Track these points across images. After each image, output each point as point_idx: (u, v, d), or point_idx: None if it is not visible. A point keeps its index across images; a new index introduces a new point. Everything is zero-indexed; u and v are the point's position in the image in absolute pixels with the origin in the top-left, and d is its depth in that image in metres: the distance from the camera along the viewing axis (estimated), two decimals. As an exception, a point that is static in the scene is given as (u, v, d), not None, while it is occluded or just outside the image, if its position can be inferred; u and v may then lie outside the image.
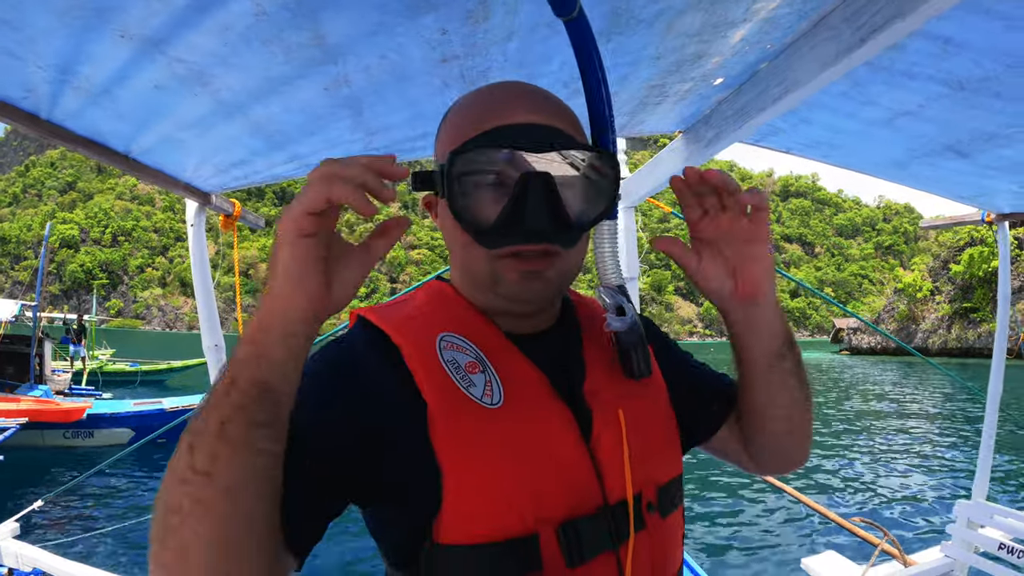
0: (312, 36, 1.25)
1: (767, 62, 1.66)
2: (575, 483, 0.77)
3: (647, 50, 1.47)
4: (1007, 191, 2.55)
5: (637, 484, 0.82)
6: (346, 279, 0.68)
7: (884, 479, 10.09)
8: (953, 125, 1.90)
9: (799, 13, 1.43)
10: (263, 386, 0.63)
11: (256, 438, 0.62)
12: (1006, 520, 3.12)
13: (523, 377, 0.81)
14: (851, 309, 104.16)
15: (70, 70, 1.28)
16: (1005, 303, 3.13)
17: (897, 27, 1.26)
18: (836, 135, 2.09)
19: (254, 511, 0.61)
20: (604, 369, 0.88)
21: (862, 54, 1.37)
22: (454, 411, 0.75)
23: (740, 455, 1.01)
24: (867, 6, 1.33)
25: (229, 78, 1.37)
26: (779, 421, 0.90)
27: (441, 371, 0.77)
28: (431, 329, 0.82)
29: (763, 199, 0.78)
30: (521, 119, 0.76)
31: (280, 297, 0.64)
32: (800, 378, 0.87)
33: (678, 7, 1.28)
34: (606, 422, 0.82)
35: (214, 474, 0.59)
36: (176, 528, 0.59)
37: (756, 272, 0.80)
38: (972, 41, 1.50)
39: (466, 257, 0.81)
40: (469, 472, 0.73)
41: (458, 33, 1.30)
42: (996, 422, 3.17)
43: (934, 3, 1.20)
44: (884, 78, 1.66)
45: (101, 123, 1.55)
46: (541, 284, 0.79)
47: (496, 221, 0.74)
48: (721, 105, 1.90)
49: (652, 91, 1.72)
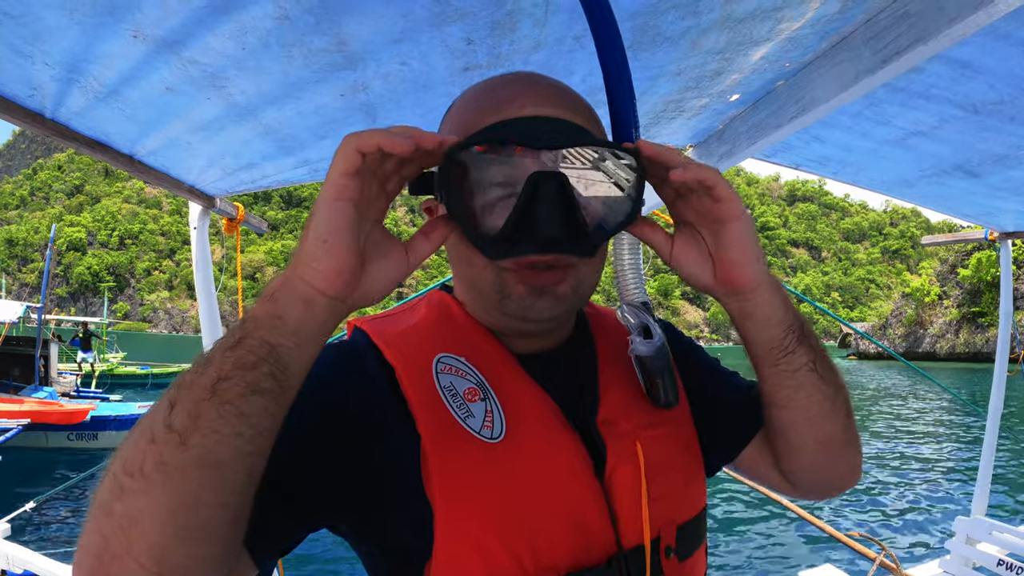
0: (334, 41, 1.20)
1: (784, 80, 1.64)
2: (585, 527, 0.68)
3: (669, 66, 1.45)
4: (1013, 211, 2.54)
5: (656, 527, 0.72)
6: (381, 272, 0.61)
7: (883, 492, 9.99)
8: (965, 146, 1.88)
9: (821, 34, 1.41)
10: (273, 350, 0.54)
11: (251, 407, 0.52)
12: (1005, 536, 3.09)
13: (529, 405, 0.72)
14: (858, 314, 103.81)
15: (78, 69, 1.22)
16: (1007, 319, 3.11)
17: (919, 51, 1.24)
18: (848, 153, 2.07)
19: (224, 497, 0.51)
20: (622, 395, 0.78)
21: (882, 76, 1.35)
22: (448, 445, 0.67)
23: (772, 475, 0.87)
24: (889, 29, 1.31)
25: (244, 82, 1.32)
26: (802, 428, 0.76)
27: (436, 398, 0.69)
28: (428, 348, 0.74)
29: (699, 174, 0.64)
30: (530, 111, 0.67)
31: (307, 259, 0.57)
32: (824, 376, 0.74)
33: (704, 25, 1.26)
34: (622, 457, 0.73)
35: (190, 437, 0.50)
36: (129, 492, 0.49)
37: (733, 256, 0.67)
38: (989, 66, 1.49)
39: (469, 269, 0.71)
40: (462, 514, 0.65)
41: (484, 43, 1.27)
42: (996, 438, 3.14)
43: (957, 29, 1.18)
44: (901, 99, 1.65)
45: (107, 124, 1.50)
46: (553, 300, 0.69)
47: (502, 229, 0.63)
48: (735, 121, 1.88)
49: (669, 106, 1.70)
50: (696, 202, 0.68)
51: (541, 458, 0.69)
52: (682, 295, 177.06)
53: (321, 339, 0.59)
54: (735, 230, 0.67)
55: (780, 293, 0.71)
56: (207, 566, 0.52)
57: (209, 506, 0.51)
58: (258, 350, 0.54)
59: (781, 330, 0.72)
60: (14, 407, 10.58)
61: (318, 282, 0.56)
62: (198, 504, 0.50)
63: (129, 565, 0.49)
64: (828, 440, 0.77)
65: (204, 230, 2.30)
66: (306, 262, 0.57)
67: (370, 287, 0.60)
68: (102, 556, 0.50)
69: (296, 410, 0.61)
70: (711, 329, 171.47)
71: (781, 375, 0.73)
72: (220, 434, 0.51)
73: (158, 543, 0.49)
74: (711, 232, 0.68)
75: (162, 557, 0.49)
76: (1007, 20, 1.32)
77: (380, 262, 0.61)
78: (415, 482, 0.66)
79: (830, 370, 0.75)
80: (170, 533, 0.49)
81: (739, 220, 0.67)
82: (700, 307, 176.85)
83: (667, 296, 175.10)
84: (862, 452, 0.82)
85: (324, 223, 0.56)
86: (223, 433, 0.51)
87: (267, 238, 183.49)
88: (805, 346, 0.72)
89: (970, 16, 1.14)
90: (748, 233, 0.67)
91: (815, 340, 0.74)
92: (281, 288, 0.57)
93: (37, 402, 11.66)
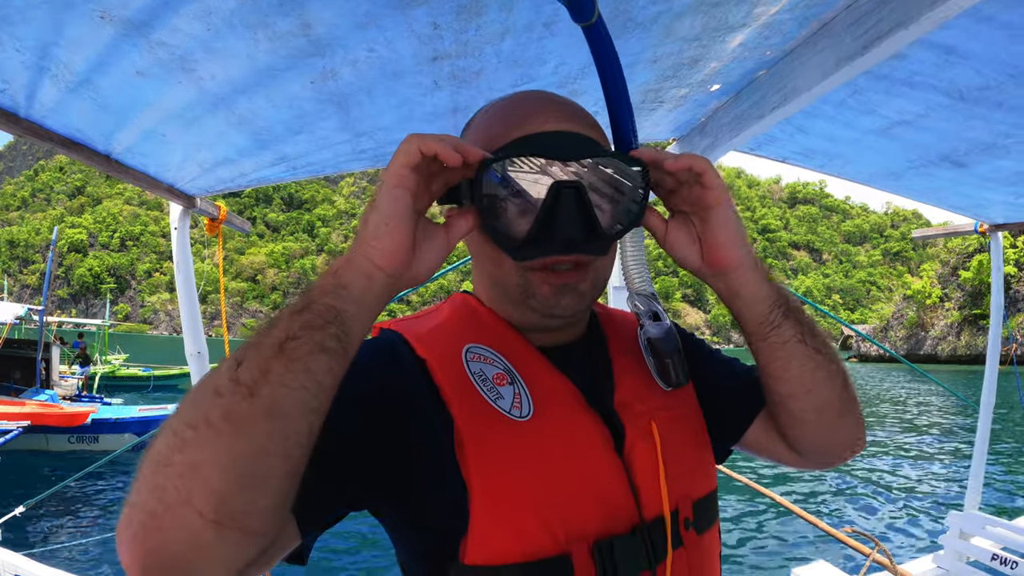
0: (298, 24, 1.18)
1: (766, 69, 1.59)
2: (609, 499, 0.73)
3: (644, 54, 1.40)
4: (1002, 202, 2.49)
5: (674, 500, 0.77)
6: (428, 254, 0.67)
7: (877, 488, 9.95)
8: (951, 135, 1.83)
9: (800, 19, 1.36)
10: (339, 314, 0.59)
11: (318, 364, 0.56)
12: (998, 530, 3.04)
13: (553, 389, 0.77)
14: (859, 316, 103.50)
15: (49, 54, 1.20)
16: (998, 314, 3.07)
17: (900, 35, 1.21)
18: (832, 144, 2.02)
19: (287, 448, 0.54)
20: (635, 381, 0.84)
21: (864, 62, 1.31)
22: (481, 424, 0.71)
23: (778, 448, 0.91)
24: (871, 13, 1.27)
25: (213, 65, 1.30)
26: (800, 397, 0.80)
27: (468, 383, 0.74)
28: (457, 341, 0.79)
29: (691, 162, 0.72)
30: (552, 126, 0.74)
31: (369, 238, 0.63)
32: (814, 346, 0.79)
33: (676, 10, 1.21)
34: (640, 435, 0.78)
35: (259, 390, 0.53)
36: (191, 443, 0.51)
37: (719, 238, 0.74)
38: (975, 50, 1.44)
39: (496, 269, 0.78)
40: (497, 488, 0.69)
41: (450, 28, 1.23)
42: (989, 433, 3.09)
43: (939, 11, 1.14)
44: (884, 87, 1.60)
45: (81, 117, 1.47)
46: (575, 297, 0.76)
47: (528, 232, 0.71)
48: (717, 112, 1.83)
49: (647, 96, 1.65)
50: (687, 192, 0.75)
51: (567, 436, 0.74)
52: (683, 298, 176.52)
53: (377, 310, 0.64)
54: (720, 214, 0.74)
55: (762, 272, 0.77)
56: (263, 518, 0.54)
57: (273, 455, 0.53)
58: (325, 314, 0.59)
59: (767, 306, 0.77)
60: (14, 409, 10.52)
61: (379, 259, 0.63)
62: (263, 453, 0.52)
63: (186, 514, 0.50)
64: (825, 407, 0.81)
65: (184, 230, 2.26)
66: (368, 241, 0.63)
67: (420, 267, 0.67)
68: (155, 509, 0.50)
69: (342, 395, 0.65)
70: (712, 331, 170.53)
71: (772, 347, 0.78)
72: (288, 387, 0.54)
73: (219, 490, 0.50)
74: (700, 218, 0.75)
75: (222, 504, 0.50)
76: (991, 2, 1.27)
77: (427, 244, 0.68)
78: (450, 462, 0.70)
79: (822, 343, 0.80)
80: (233, 479, 0.51)
81: (724, 206, 0.74)
82: (701, 309, 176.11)
83: (668, 299, 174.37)
84: (862, 417, 0.86)
85: (386, 207, 0.63)
86: (291, 386, 0.54)
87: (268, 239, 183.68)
88: (792, 320, 0.78)
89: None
90: (732, 217, 0.75)
91: (802, 315, 0.80)
92: (345, 265, 0.63)
93: (38, 404, 11.59)
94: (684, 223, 0.77)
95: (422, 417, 0.72)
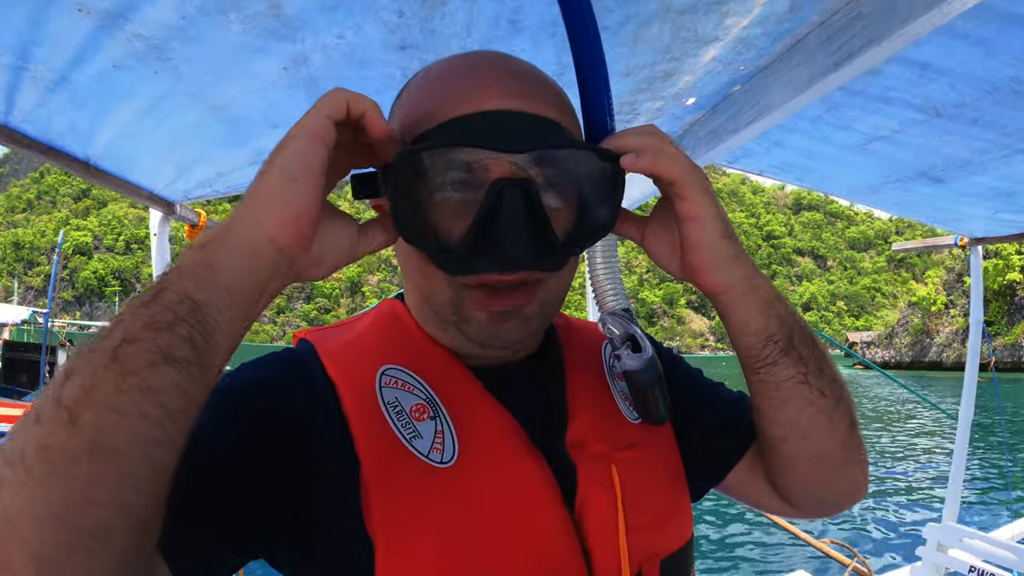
0: (268, 4, 1.13)
1: (740, 84, 1.55)
2: (551, 565, 0.58)
3: (617, 64, 1.35)
4: (981, 217, 2.45)
5: (636, 562, 0.62)
6: (335, 238, 0.53)
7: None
8: (928, 151, 1.79)
9: (773, 35, 1.32)
10: (197, 308, 0.43)
11: (160, 380, 0.40)
12: (975, 543, 3.00)
13: (487, 424, 0.62)
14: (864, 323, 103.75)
15: (28, 55, 1.17)
16: (977, 327, 3.03)
17: (873, 52, 1.18)
18: (809, 159, 1.99)
19: (121, 496, 0.39)
20: (594, 413, 0.68)
21: (836, 79, 1.28)
22: (391, 469, 0.57)
23: (764, 495, 0.76)
24: (843, 30, 1.23)
25: (187, 50, 1.26)
26: (794, 442, 0.66)
27: (378, 416, 0.59)
28: (373, 360, 0.64)
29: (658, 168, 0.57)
30: (495, 104, 0.56)
31: (264, 199, 0.48)
32: (819, 387, 0.64)
33: (643, 16, 1.16)
34: (595, 483, 0.63)
35: (81, 415, 0.38)
36: (6, 486, 0.38)
37: (694, 260, 0.60)
38: (950, 67, 1.41)
39: (423, 281, 0.61)
40: (407, 552, 0.55)
41: (416, 16, 1.19)
42: (967, 445, 3.05)
43: (911, 29, 1.11)
44: (859, 103, 1.56)
45: (60, 117, 1.44)
46: (518, 324, 0.60)
47: (461, 242, 0.55)
48: (694, 126, 1.79)
49: (623, 108, 1.61)
50: (667, 187, 0.60)
51: (500, 485, 0.59)
52: (687, 304, 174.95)
53: (256, 303, 0.48)
54: (693, 230, 0.59)
55: (756, 300, 0.61)
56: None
57: (102, 506, 0.38)
58: (177, 307, 0.43)
59: (759, 339, 0.62)
60: (17, 412, 10.41)
61: (273, 225, 0.47)
62: (87, 502, 0.38)
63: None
64: (823, 457, 0.67)
65: (164, 237, 2.22)
66: (262, 203, 0.48)
67: (322, 254, 0.52)
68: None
69: (228, 413, 0.55)
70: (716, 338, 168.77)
71: (764, 386, 0.64)
72: (118, 413, 0.39)
73: (38, 551, 0.37)
74: (678, 225, 0.60)
75: (44, 569, 0.38)
76: (965, 19, 1.23)
77: (333, 226, 0.53)
78: (355, 514, 0.56)
79: (830, 382, 0.64)
80: (53, 539, 0.37)
81: (698, 221, 0.58)
82: (706, 316, 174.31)
83: (672, 304, 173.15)
84: (867, 465, 0.72)
85: (298, 160, 0.48)
86: (122, 412, 0.39)
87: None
88: (792, 357, 0.62)
89: (923, 15, 1.08)
90: (708, 235, 0.59)
91: (809, 349, 0.64)
92: (221, 236, 0.47)
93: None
94: (666, 223, 0.62)
95: (328, 453, 0.58)
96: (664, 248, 0.63)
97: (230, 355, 0.47)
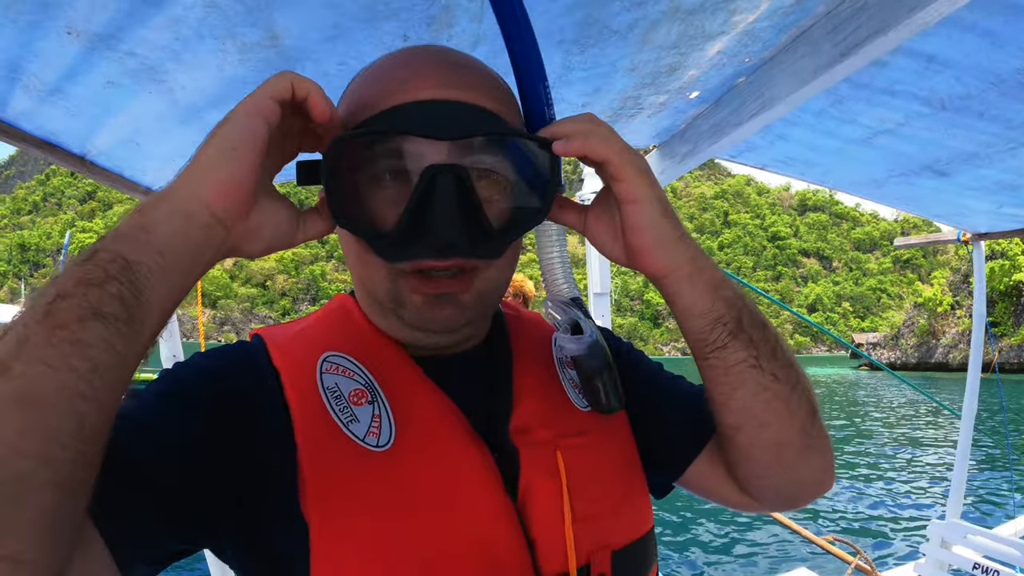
0: (266, 35, 1.14)
1: (745, 76, 1.53)
2: (492, 554, 0.57)
3: (622, 62, 1.34)
4: (985, 211, 2.44)
5: (584, 552, 0.60)
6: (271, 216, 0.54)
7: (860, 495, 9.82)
8: (933, 144, 1.78)
9: (778, 27, 1.31)
10: (128, 267, 0.44)
11: (89, 334, 0.41)
12: (979, 539, 2.99)
13: (425, 410, 0.62)
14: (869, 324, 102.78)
15: (19, 68, 1.17)
16: (980, 322, 3.01)
17: (879, 43, 1.16)
18: (813, 152, 1.97)
19: (46, 448, 0.39)
20: (541, 400, 0.67)
21: (842, 70, 1.26)
22: (325, 453, 0.57)
23: (725, 489, 0.74)
24: (849, 20, 1.22)
25: (183, 76, 1.26)
26: (748, 431, 0.64)
27: (317, 401, 0.60)
28: (317, 349, 0.65)
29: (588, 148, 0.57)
30: (429, 94, 0.57)
31: (203, 167, 0.49)
32: (772, 371, 0.62)
33: (653, 17, 1.15)
34: (539, 469, 0.62)
35: (12, 366, 0.39)
36: None
37: (635, 241, 0.59)
38: (956, 59, 1.39)
39: (363, 271, 0.62)
40: (341, 532, 0.54)
41: (421, 40, 1.18)
42: (971, 441, 3.03)
43: (918, 18, 1.09)
44: (865, 95, 1.55)
45: (54, 122, 1.43)
46: (454, 310, 0.60)
47: (394, 228, 0.56)
48: (697, 119, 1.77)
49: (626, 103, 1.59)
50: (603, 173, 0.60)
51: (436, 469, 0.59)
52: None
53: (191, 269, 0.49)
54: (632, 213, 0.58)
55: (702, 281, 0.61)
56: (27, 540, 0.39)
57: (28, 458, 0.39)
58: (108, 265, 0.44)
59: (706, 322, 0.61)
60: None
61: (209, 192, 0.49)
62: (12, 452, 0.38)
63: None
64: (781, 444, 0.64)
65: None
66: (200, 171, 0.49)
67: (259, 229, 0.53)
68: None
69: (176, 397, 0.57)
70: None
71: (714, 371, 0.63)
72: (47, 364, 0.40)
73: None
74: (621, 211, 0.60)
75: None
76: (972, 10, 1.22)
77: (272, 206, 0.54)
78: (291, 497, 0.56)
79: (783, 366, 0.63)
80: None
81: (636, 203, 0.58)
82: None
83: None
84: (831, 454, 0.69)
85: (238, 132, 0.50)
86: (51, 364, 0.40)
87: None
88: (742, 340, 0.61)
89: (930, 4, 1.06)
90: (647, 217, 0.58)
91: (760, 332, 0.62)
92: (157, 200, 0.48)
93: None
94: (607, 210, 0.62)
95: (269, 439, 0.58)
96: (606, 234, 0.63)
97: (163, 319, 0.48)
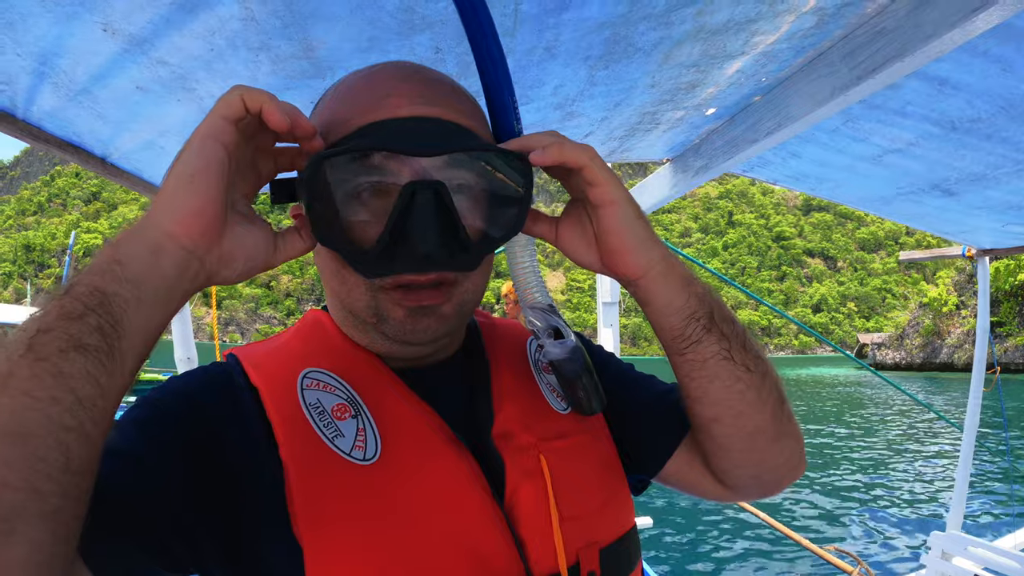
0: (302, 47, 1.16)
1: (761, 95, 1.57)
2: (484, 558, 0.58)
3: (643, 79, 1.38)
4: (990, 228, 2.47)
5: (572, 551, 0.62)
6: (247, 238, 0.54)
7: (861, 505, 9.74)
8: (942, 164, 1.81)
9: (797, 48, 1.34)
10: (105, 299, 0.45)
11: (71, 367, 0.42)
12: (980, 551, 3.01)
13: (409, 421, 0.63)
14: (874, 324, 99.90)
15: (50, 63, 1.18)
16: (984, 335, 3.04)
17: (895, 67, 1.19)
18: (824, 169, 2.00)
19: (33, 480, 0.40)
20: (521, 405, 0.69)
21: (858, 92, 1.29)
22: (313, 470, 0.57)
23: (703, 482, 0.76)
24: (866, 45, 1.25)
25: (213, 85, 1.27)
26: (726, 421, 0.67)
27: (300, 417, 0.60)
28: (295, 365, 0.65)
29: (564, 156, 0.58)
30: (407, 111, 0.58)
31: (165, 199, 0.49)
32: (743, 363, 0.65)
33: (677, 37, 1.19)
34: (524, 473, 0.63)
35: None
36: None
37: (611, 243, 0.61)
38: (967, 82, 1.43)
39: (341, 287, 0.63)
40: (334, 548, 0.55)
41: (452, 52, 1.21)
42: (972, 453, 3.06)
43: (934, 46, 1.12)
44: (877, 116, 1.58)
45: (79, 123, 1.44)
46: (435, 322, 0.61)
47: (375, 245, 0.56)
48: (712, 135, 1.81)
49: (644, 118, 1.63)
50: (576, 182, 0.62)
51: (424, 479, 0.60)
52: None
53: (167, 300, 0.49)
54: (609, 216, 0.60)
55: (677, 278, 0.63)
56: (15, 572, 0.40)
57: (16, 490, 0.39)
58: (86, 298, 0.45)
59: (680, 319, 0.64)
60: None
61: (172, 224, 0.49)
62: (1, 485, 0.39)
63: None
64: (756, 432, 0.67)
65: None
66: (162, 203, 0.49)
67: (232, 250, 0.52)
68: None
69: (155, 424, 0.57)
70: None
71: (690, 366, 0.65)
72: (31, 396, 0.41)
73: None
74: (593, 215, 0.62)
75: None
76: (985, 37, 1.25)
77: (246, 229, 0.54)
78: (282, 518, 0.56)
79: (754, 358, 0.66)
80: None
81: (613, 205, 0.60)
82: None
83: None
84: (801, 440, 0.73)
85: (194, 159, 0.50)
86: (35, 396, 0.41)
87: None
88: (715, 334, 0.64)
89: (947, 33, 1.09)
90: (624, 219, 0.61)
91: (730, 327, 0.65)
92: (128, 235, 0.49)
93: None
94: (579, 220, 0.64)
95: (252, 459, 0.58)
96: (579, 243, 0.64)
97: (144, 351, 0.48)
